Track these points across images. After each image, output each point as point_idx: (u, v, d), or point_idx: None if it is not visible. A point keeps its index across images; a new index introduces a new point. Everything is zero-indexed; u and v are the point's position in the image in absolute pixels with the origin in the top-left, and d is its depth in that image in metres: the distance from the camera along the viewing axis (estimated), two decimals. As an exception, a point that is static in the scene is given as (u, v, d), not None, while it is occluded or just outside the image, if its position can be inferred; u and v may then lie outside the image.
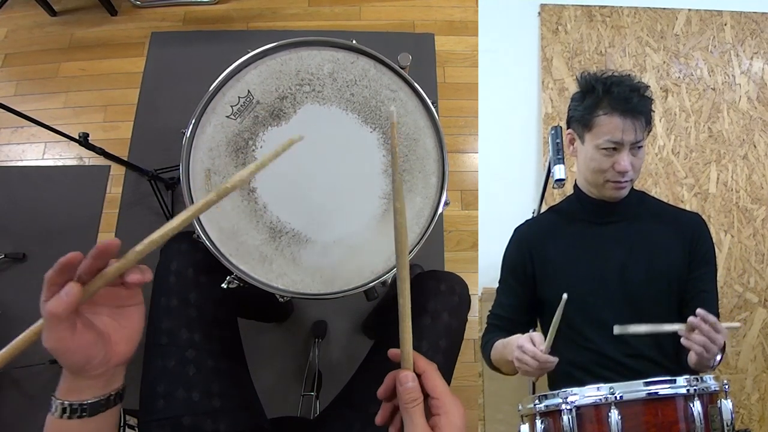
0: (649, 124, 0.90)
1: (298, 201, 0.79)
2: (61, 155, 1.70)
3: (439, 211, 0.80)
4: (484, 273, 1.56)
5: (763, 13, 1.69)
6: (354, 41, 0.85)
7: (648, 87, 0.90)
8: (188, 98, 0.88)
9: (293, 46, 0.84)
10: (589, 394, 0.75)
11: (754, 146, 1.59)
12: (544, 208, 1.15)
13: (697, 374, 0.78)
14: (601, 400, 0.74)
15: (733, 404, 0.74)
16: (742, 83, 1.64)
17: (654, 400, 0.74)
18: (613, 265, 0.93)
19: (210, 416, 0.72)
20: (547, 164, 1.03)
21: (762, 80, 1.64)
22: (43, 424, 0.49)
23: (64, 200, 1.64)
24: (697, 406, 0.73)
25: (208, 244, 0.74)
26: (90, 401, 0.48)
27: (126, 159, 1.53)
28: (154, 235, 0.43)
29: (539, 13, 1.71)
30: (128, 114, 1.73)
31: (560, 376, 0.92)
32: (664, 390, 0.74)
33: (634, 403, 0.74)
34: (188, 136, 0.78)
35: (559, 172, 0.98)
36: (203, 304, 0.78)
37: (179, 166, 0.76)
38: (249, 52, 0.82)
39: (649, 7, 1.70)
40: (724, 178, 1.57)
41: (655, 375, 0.76)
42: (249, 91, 0.82)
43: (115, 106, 1.76)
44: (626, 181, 0.91)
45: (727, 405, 0.74)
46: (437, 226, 0.82)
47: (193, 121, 0.79)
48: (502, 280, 1.03)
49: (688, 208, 1.13)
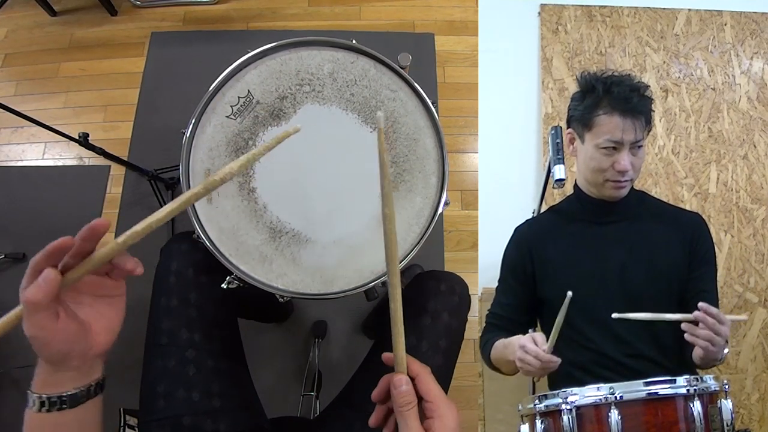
0: (649, 123, 0.90)
1: (298, 201, 0.79)
2: (61, 155, 1.70)
3: (439, 211, 0.80)
4: (484, 273, 1.55)
5: (763, 13, 1.69)
6: (354, 41, 0.85)
7: (648, 87, 0.90)
8: (188, 98, 0.88)
9: (293, 46, 0.84)
10: (589, 394, 0.75)
11: (754, 146, 1.59)
12: (544, 208, 1.15)
13: (697, 374, 0.78)
14: (601, 400, 0.74)
15: (733, 404, 0.74)
16: (742, 83, 1.64)
17: (654, 400, 0.74)
18: (613, 265, 0.93)
19: (210, 416, 0.72)
20: (547, 164, 1.03)
21: (762, 80, 1.64)
22: None
23: (64, 200, 1.64)
24: (697, 406, 0.73)
25: (208, 244, 0.74)
26: (69, 393, 0.46)
27: (126, 159, 1.53)
28: (137, 227, 0.43)
29: (539, 13, 1.71)
30: (128, 114, 1.73)
31: (560, 376, 0.92)
32: (664, 390, 0.74)
33: (634, 403, 0.74)
34: (188, 136, 0.78)
35: (559, 172, 0.98)
36: (203, 304, 0.78)
37: (179, 166, 0.76)
38: (249, 52, 0.82)
39: (649, 7, 1.70)
40: (724, 178, 1.57)
41: (655, 375, 0.76)
42: (249, 91, 0.82)
43: (115, 106, 1.75)
44: (626, 181, 0.91)
45: (727, 405, 0.73)
46: (437, 226, 0.82)
47: (193, 121, 0.79)
48: (502, 279, 1.03)
49: (688, 208, 1.13)
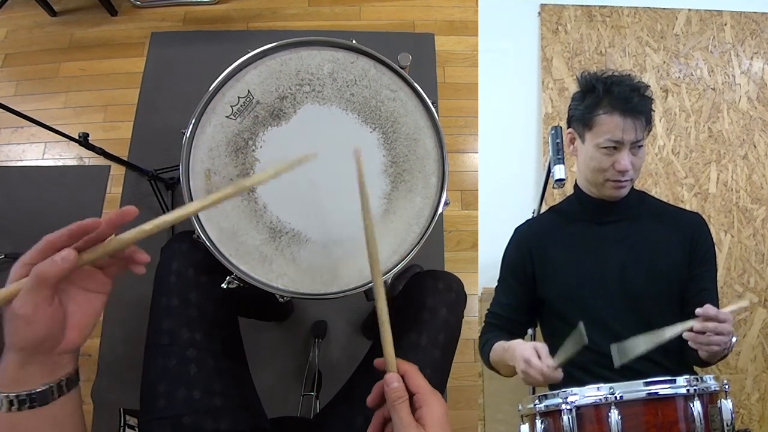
0: (649, 123, 0.90)
1: (298, 201, 0.79)
2: (61, 155, 1.70)
3: (439, 211, 0.80)
4: (484, 273, 1.55)
5: (763, 13, 1.69)
6: (354, 41, 0.85)
7: (648, 87, 0.91)
8: (188, 98, 0.88)
9: (293, 46, 0.84)
10: (589, 394, 0.75)
11: (754, 146, 1.59)
12: (544, 208, 1.15)
13: (697, 374, 0.78)
14: (601, 400, 0.74)
15: (733, 404, 0.74)
16: (742, 83, 1.64)
17: (654, 400, 0.74)
18: (613, 265, 0.93)
19: (211, 415, 0.72)
20: (547, 164, 1.03)
21: (762, 80, 1.64)
22: None
23: (64, 200, 1.63)
24: (697, 406, 0.73)
25: (208, 244, 0.74)
26: (38, 390, 0.44)
27: (126, 159, 1.53)
28: (145, 226, 0.44)
29: (539, 13, 1.71)
30: (128, 114, 1.73)
31: (560, 376, 0.92)
32: (664, 390, 0.74)
33: (634, 403, 0.74)
34: (188, 136, 0.78)
35: (559, 172, 0.98)
36: (204, 304, 0.78)
37: (179, 166, 0.76)
38: (249, 52, 0.82)
39: (649, 7, 1.70)
40: (724, 178, 1.57)
41: (655, 375, 0.76)
42: (249, 91, 0.82)
43: (115, 106, 1.75)
44: (626, 181, 0.91)
45: (727, 405, 0.73)
46: (437, 226, 0.82)
47: (193, 121, 0.79)
48: (502, 279, 1.03)
49: (688, 208, 1.13)
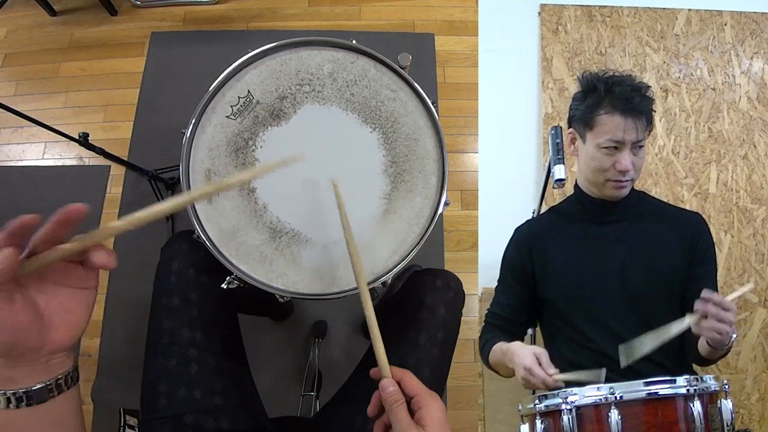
0: (650, 123, 0.90)
1: (298, 201, 0.79)
2: (61, 155, 1.70)
3: (439, 211, 0.80)
4: (484, 273, 1.56)
5: (763, 13, 1.69)
6: (354, 41, 0.85)
7: (649, 87, 0.91)
8: (188, 98, 0.88)
9: (293, 46, 0.84)
10: (589, 394, 0.75)
11: (754, 146, 1.59)
12: (544, 208, 1.15)
13: (697, 374, 0.78)
14: (601, 400, 0.74)
15: (733, 404, 0.74)
16: (742, 83, 1.64)
17: (654, 400, 0.74)
18: (614, 265, 0.93)
19: (212, 414, 0.72)
20: (547, 164, 1.03)
21: (762, 80, 1.64)
22: None
23: (64, 200, 1.59)
24: (697, 406, 0.73)
25: (208, 244, 0.74)
26: (35, 388, 0.43)
27: (126, 159, 1.53)
28: (117, 222, 0.41)
29: (539, 13, 1.71)
30: (128, 114, 1.73)
31: (560, 376, 0.92)
32: (664, 390, 0.74)
33: (634, 403, 0.74)
34: (188, 136, 0.78)
35: (559, 172, 0.98)
36: (204, 304, 0.78)
37: (179, 166, 0.76)
38: (249, 52, 0.82)
39: (649, 7, 1.70)
40: (724, 178, 1.57)
41: (655, 375, 0.76)
42: (249, 91, 0.82)
43: (115, 106, 1.75)
44: (627, 181, 0.91)
45: (727, 405, 0.73)
46: (437, 226, 0.82)
47: (193, 121, 0.79)
48: (502, 279, 1.04)
49: (688, 208, 1.13)
